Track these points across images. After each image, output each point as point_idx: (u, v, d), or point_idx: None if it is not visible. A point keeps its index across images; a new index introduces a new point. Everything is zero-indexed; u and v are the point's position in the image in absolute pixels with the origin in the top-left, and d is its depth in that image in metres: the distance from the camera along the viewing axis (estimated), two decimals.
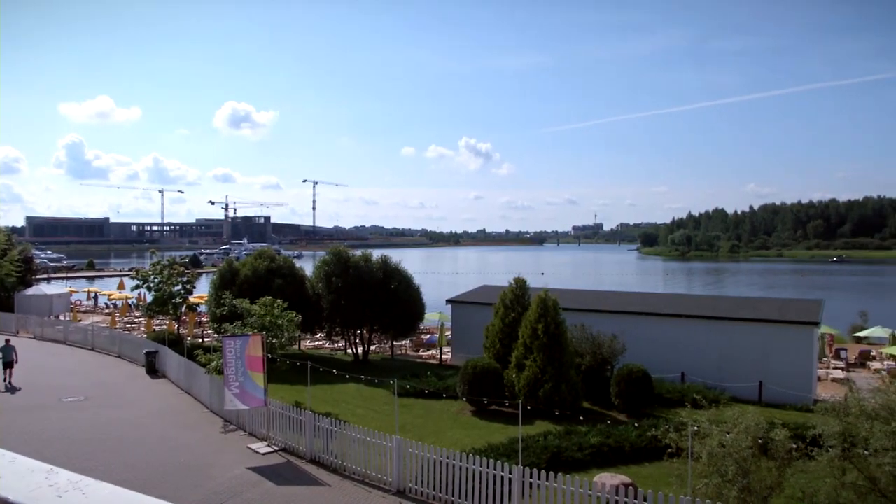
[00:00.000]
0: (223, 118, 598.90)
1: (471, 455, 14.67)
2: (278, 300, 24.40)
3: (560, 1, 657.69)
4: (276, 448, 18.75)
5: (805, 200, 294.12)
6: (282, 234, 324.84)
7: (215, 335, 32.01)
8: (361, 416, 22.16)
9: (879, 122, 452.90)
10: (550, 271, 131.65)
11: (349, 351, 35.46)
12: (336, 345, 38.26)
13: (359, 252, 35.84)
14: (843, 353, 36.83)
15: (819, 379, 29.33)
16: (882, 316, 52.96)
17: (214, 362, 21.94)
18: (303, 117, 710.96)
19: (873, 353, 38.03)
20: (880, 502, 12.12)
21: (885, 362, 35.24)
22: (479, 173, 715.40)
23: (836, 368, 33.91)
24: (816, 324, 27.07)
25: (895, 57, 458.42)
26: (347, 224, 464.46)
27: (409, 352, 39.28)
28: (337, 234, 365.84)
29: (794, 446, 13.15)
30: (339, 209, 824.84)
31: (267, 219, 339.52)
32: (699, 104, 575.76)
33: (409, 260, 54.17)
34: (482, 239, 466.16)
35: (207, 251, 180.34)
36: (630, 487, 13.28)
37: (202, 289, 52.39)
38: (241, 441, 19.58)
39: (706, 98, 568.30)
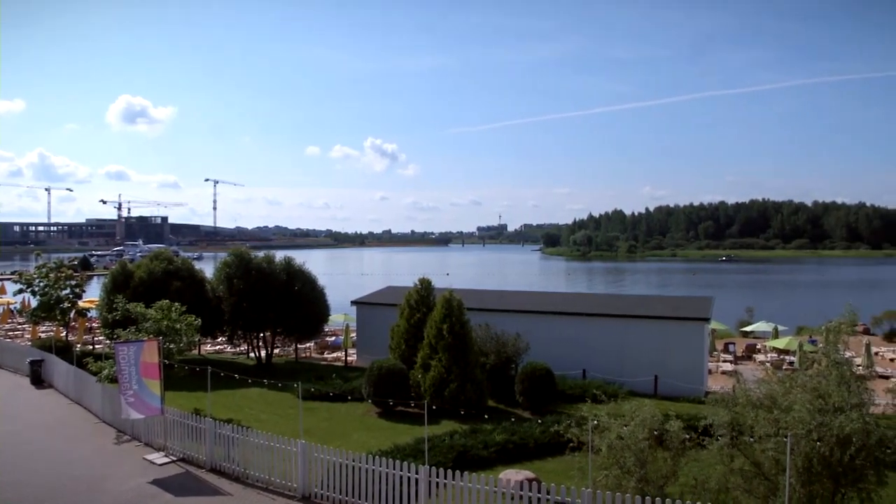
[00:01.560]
0: (117, 113, 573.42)
1: (377, 457, 14.58)
2: (176, 303, 23.55)
3: (464, 4, 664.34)
4: (175, 458, 18.06)
5: (697, 203, 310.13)
6: (180, 235, 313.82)
7: (107, 341, 30.52)
8: (265, 421, 21.67)
9: (765, 129, 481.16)
10: (455, 272, 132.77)
11: (252, 355, 34.61)
12: (238, 349, 37.26)
13: (262, 253, 34.98)
14: (731, 347, 38.86)
15: (710, 372, 30.85)
16: (766, 311, 56.23)
17: (107, 370, 20.93)
18: (203, 114, 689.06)
19: (758, 346, 40.35)
20: (765, 485, 12.85)
21: (769, 355, 37.42)
22: (384, 174, 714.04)
23: (725, 361, 35.76)
24: (707, 320, 28.52)
25: (779, 68, 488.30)
26: (250, 225, 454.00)
27: (313, 354, 38.71)
28: (239, 234, 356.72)
29: (688, 436, 13.77)
30: (242, 209, 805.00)
31: (164, 219, 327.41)
32: (598, 109, 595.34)
33: (313, 261, 53.47)
34: (388, 240, 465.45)
35: (99, 253, 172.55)
36: (534, 482, 13.54)
37: (93, 293, 49.96)
38: (137, 452, 18.76)
39: (605, 103, 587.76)
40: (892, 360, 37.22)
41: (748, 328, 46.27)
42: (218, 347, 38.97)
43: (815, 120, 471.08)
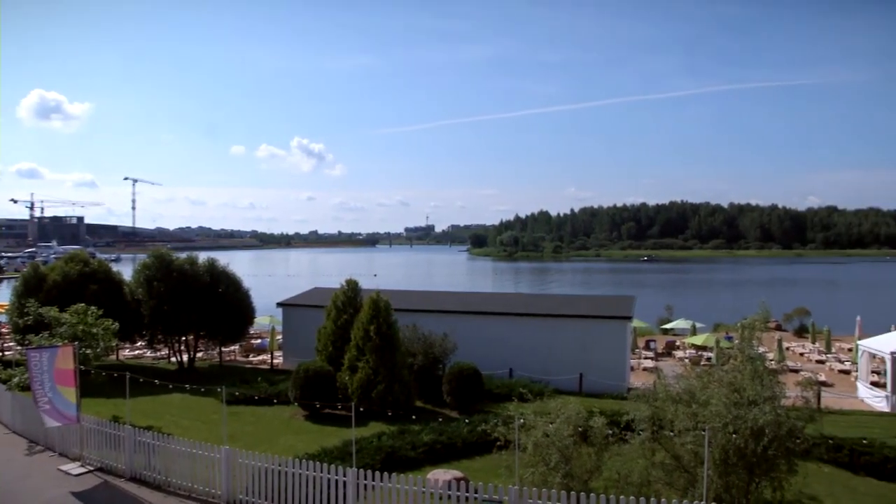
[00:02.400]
0: (29, 108, 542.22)
1: (304, 460, 14.39)
2: (93, 307, 22.67)
3: (391, 5, 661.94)
4: (92, 468, 17.36)
5: (619, 204, 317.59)
6: (97, 236, 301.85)
7: (18, 348, 29.11)
8: (187, 427, 21.07)
9: (682, 134, 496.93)
10: (383, 272, 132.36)
11: (173, 359, 33.61)
12: (159, 353, 36.12)
13: (184, 254, 33.99)
14: (652, 345, 40.03)
15: (632, 369, 31.69)
16: (685, 309, 58.15)
17: (17, 378, 19.96)
18: (122, 111, 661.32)
19: (678, 343, 41.69)
20: (684, 477, 13.30)
21: (688, 351, 38.72)
22: (311, 174, 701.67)
23: (646, 358, 36.78)
24: (629, 318, 29.33)
25: (696, 75, 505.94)
26: (171, 225, 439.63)
27: (238, 358, 37.88)
28: (159, 235, 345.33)
29: (611, 432, 14.12)
30: (163, 209, 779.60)
31: (80, 219, 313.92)
32: (524, 111, 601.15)
33: (238, 262, 52.44)
34: (314, 240, 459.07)
35: (9, 255, 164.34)
36: (462, 481, 13.62)
37: (2, 296, 47.56)
38: (51, 463, 17.94)
39: (531, 106, 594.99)
40: (801, 354, 39.09)
41: (668, 326, 47.74)
42: (137, 352, 37.68)
43: (728, 125, 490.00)
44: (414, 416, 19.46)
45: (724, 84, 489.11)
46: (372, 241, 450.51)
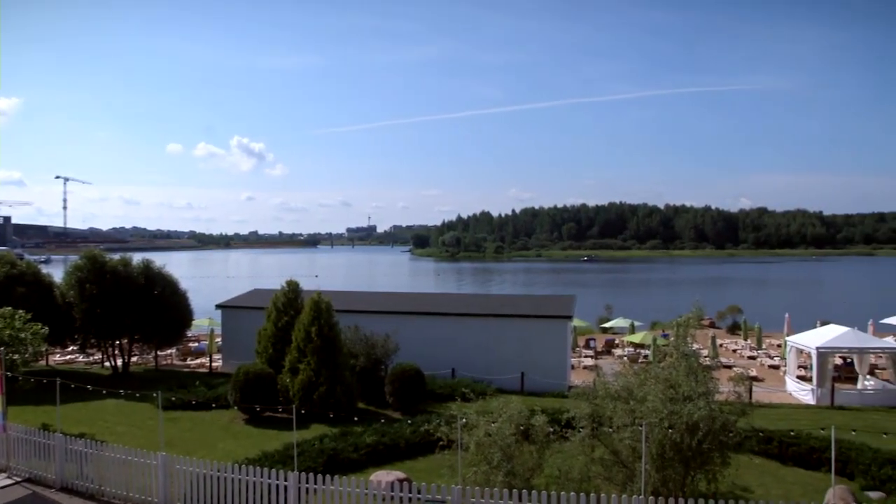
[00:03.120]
0: None
1: (244, 465, 14.15)
2: (20, 311, 21.80)
3: (333, 4, 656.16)
4: (20, 479, 16.68)
5: (560, 205, 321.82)
6: (25, 237, 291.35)
7: None
8: (122, 434, 20.46)
9: (621, 137, 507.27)
10: (325, 273, 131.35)
11: (107, 364, 32.60)
12: (91, 358, 34.98)
13: (117, 256, 33.00)
14: (592, 343, 40.75)
15: (572, 367, 32.18)
16: (624, 308, 59.36)
17: None
18: (53, 106, 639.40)
19: (617, 341, 42.53)
20: (623, 472, 13.61)
21: (626, 349, 39.52)
22: (251, 174, 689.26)
23: (586, 357, 37.42)
24: (569, 317, 29.79)
25: (634, 80, 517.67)
26: (105, 225, 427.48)
27: (175, 361, 36.99)
28: (92, 236, 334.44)
29: (552, 430, 14.33)
30: (96, 209, 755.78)
31: (7, 219, 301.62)
32: (468, 112, 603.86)
33: (175, 264, 51.16)
34: (254, 241, 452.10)
35: None
36: (405, 482, 13.61)
37: None
38: None
39: (473, 107, 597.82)
40: (734, 351, 40.36)
41: (607, 324, 48.61)
42: (69, 357, 36.42)
43: (665, 128, 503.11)
44: (356, 418, 19.34)
45: (661, 89, 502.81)
46: (313, 241, 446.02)
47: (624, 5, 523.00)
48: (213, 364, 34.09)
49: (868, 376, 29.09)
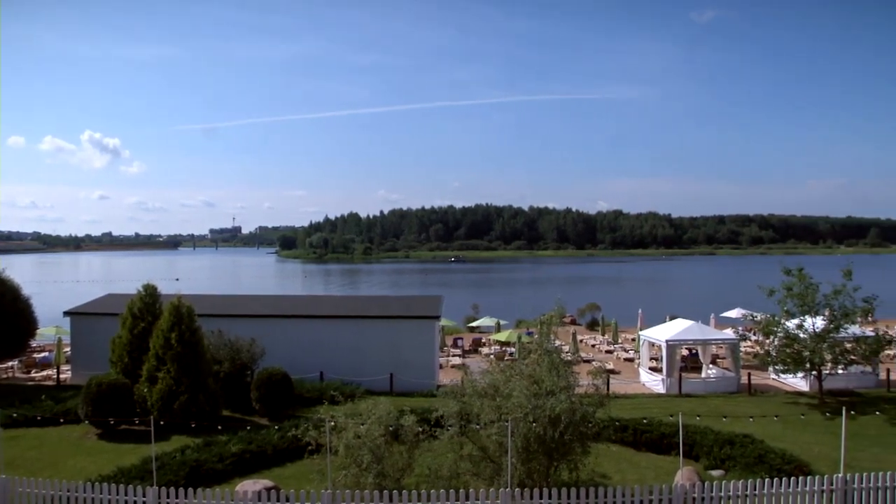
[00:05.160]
0: None
1: (97, 483, 13.31)
2: None
3: None
4: None
5: (428, 206, 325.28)
6: None
7: None
8: None
9: (487, 140, 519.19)
10: (186, 276, 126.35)
11: None
12: None
13: None
14: (459, 342, 41.48)
15: (441, 366, 32.59)
16: (490, 307, 61.00)
17: None
18: None
19: (484, 340, 43.50)
20: (491, 467, 13.95)
21: (493, 347, 40.51)
22: (105, 171, 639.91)
23: (454, 356, 38.02)
24: (437, 317, 30.20)
25: (498, 86, 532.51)
26: None
27: (18, 374, 34.15)
28: None
29: (421, 429, 14.48)
30: None
31: None
32: (335, 112, 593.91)
33: (17, 268, 47.53)
34: (108, 243, 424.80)
35: None
36: (273, 490, 13.30)
37: None
38: None
39: (342, 107, 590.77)
40: (593, 346, 42.39)
41: (474, 323, 49.68)
42: None
43: (529, 133, 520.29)
44: (220, 427, 18.71)
45: (524, 95, 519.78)
46: (174, 243, 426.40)
47: (489, 11, 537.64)
48: (62, 376, 31.75)
49: (711, 366, 31.53)
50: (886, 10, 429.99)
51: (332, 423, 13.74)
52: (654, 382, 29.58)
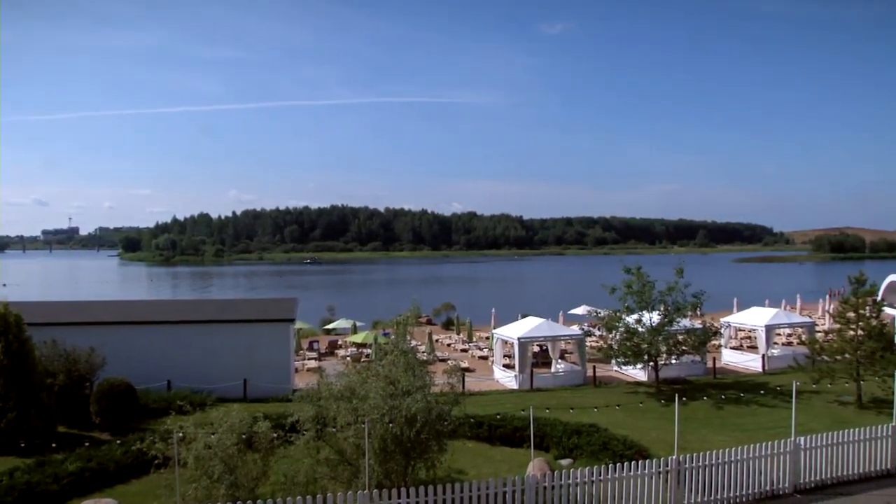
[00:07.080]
0: None
1: None
2: None
3: None
4: None
5: (283, 207, 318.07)
6: None
7: None
8: None
9: (342, 141, 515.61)
10: (15, 281, 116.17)
11: None
12: None
13: None
14: (315, 345, 40.90)
15: (296, 370, 32.04)
16: (346, 309, 60.62)
17: None
18: None
19: (340, 342, 43.17)
20: (349, 470, 13.91)
21: (350, 349, 40.30)
22: None
23: (310, 359, 37.46)
24: (292, 320, 29.66)
25: (353, 87, 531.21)
26: None
27: None
28: None
29: (276, 435, 14.18)
30: None
31: None
32: (182, 108, 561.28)
33: None
34: None
35: None
36: None
37: None
38: None
39: (190, 103, 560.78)
40: (448, 345, 43.16)
41: (330, 326, 49.17)
42: None
43: (384, 134, 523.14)
44: (55, 444, 17.40)
45: (379, 97, 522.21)
46: (1, 245, 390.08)
47: (346, 12, 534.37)
48: None
49: (559, 360, 33.05)
50: (716, 30, 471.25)
51: (181, 435, 13.14)
52: (507, 379, 30.57)
